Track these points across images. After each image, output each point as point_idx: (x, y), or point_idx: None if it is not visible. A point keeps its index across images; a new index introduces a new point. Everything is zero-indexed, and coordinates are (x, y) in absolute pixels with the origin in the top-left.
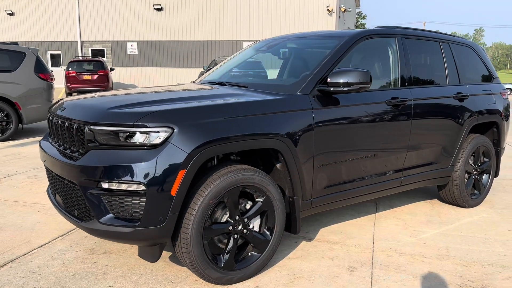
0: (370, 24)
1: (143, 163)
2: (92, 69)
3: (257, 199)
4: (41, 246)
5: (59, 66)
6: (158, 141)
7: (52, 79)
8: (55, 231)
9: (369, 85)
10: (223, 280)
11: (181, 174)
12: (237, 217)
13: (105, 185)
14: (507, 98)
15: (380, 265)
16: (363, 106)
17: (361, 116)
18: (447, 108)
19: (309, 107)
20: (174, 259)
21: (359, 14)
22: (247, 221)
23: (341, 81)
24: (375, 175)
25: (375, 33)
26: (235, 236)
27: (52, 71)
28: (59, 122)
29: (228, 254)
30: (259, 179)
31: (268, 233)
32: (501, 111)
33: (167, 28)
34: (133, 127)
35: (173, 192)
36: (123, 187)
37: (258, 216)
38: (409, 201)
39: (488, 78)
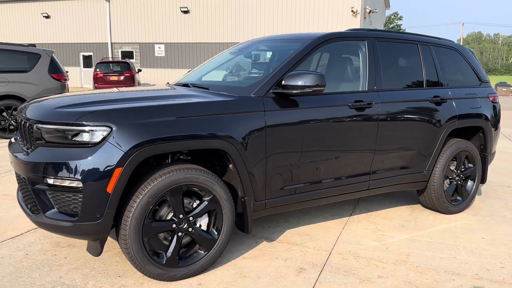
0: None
1: (80, 160)
2: (119, 70)
3: (203, 199)
4: (13, 237)
5: (90, 67)
6: (97, 139)
7: (65, 80)
8: (31, 224)
9: (323, 88)
10: (165, 277)
11: (117, 172)
12: (181, 216)
13: (50, 181)
14: (496, 102)
15: (331, 267)
16: (323, 108)
17: (321, 118)
18: (421, 111)
19: (261, 109)
20: None
21: (395, 15)
22: (192, 220)
23: (295, 83)
24: (338, 177)
25: (341, 36)
26: (179, 234)
27: (67, 71)
28: (22, 122)
29: (171, 251)
30: (203, 179)
31: (215, 232)
32: (487, 115)
33: (193, 30)
34: (73, 126)
35: (109, 189)
36: (65, 183)
37: (206, 215)
38: (390, 205)
39: (475, 81)
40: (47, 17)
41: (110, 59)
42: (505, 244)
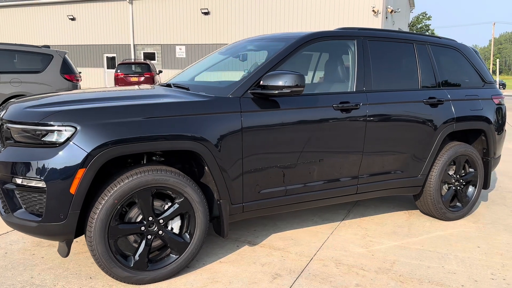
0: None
1: (45, 160)
2: (139, 71)
3: (175, 201)
4: None
5: (114, 68)
6: (61, 140)
7: (77, 80)
8: None
9: (302, 89)
10: (133, 280)
11: (80, 173)
12: (150, 218)
13: (18, 181)
14: (501, 104)
15: (309, 274)
16: (305, 109)
17: (303, 120)
18: (414, 113)
19: (238, 110)
20: None
21: (424, 15)
22: (163, 222)
23: (273, 84)
24: (322, 181)
25: (328, 35)
26: (149, 237)
27: (80, 72)
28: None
29: (139, 254)
30: (173, 181)
31: (188, 235)
32: (490, 118)
33: (214, 31)
34: (38, 126)
35: (72, 190)
36: (32, 183)
37: (179, 218)
38: (387, 210)
39: (478, 82)
40: (73, 19)
41: (131, 61)
42: (501, 254)
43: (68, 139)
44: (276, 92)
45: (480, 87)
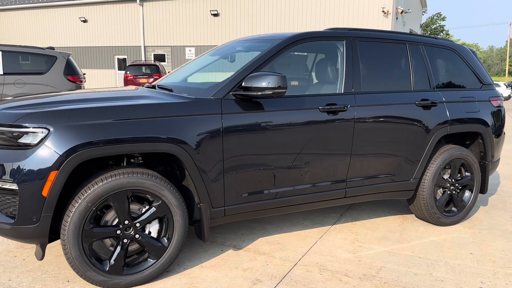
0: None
1: (18, 162)
2: (148, 72)
3: (152, 204)
4: None
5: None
6: (35, 141)
7: (81, 81)
8: None
9: (284, 90)
10: (108, 284)
11: (52, 175)
12: (126, 222)
13: None
14: (500, 106)
15: (290, 280)
16: (290, 111)
17: (287, 122)
18: (405, 116)
19: (218, 112)
20: None
21: (438, 15)
22: (139, 226)
23: (254, 85)
24: (309, 184)
25: (315, 35)
26: (125, 240)
27: (84, 74)
28: None
29: (114, 258)
30: (150, 184)
31: (166, 239)
32: (487, 120)
33: (223, 33)
34: (12, 127)
35: (45, 192)
36: (6, 185)
37: (157, 221)
38: (381, 214)
39: (475, 84)
40: (85, 21)
41: (141, 62)
42: (494, 261)
43: (41, 141)
44: (258, 93)
45: (478, 88)
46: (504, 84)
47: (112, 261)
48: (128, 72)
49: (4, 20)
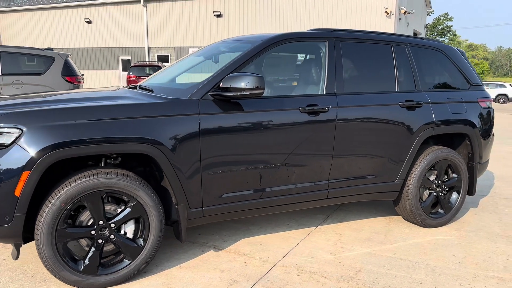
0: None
1: None
2: (151, 73)
3: (127, 205)
4: None
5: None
6: (8, 142)
7: (79, 82)
8: None
9: (262, 91)
10: (83, 284)
11: (25, 175)
12: (101, 222)
13: None
14: (488, 107)
15: (267, 281)
16: (270, 112)
17: (267, 123)
18: (389, 117)
19: (195, 112)
20: None
21: (445, 16)
22: (114, 227)
23: (232, 86)
24: (289, 185)
25: (297, 36)
26: (99, 241)
27: (83, 74)
28: None
29: (89, 258)
30: (124, 184)
31: (141, 240)
32: (474, 121)
33: (226, 34)
34: None
35: (17, 192)
36: None
37: (133, 222)
38: (368, 215)
39: (463, 84)
40: (89, 22)
41: (144, 63)
42: (476, 263)
43: (14, 141)
44: (236, 94)
45: (466, 89)
46: (510, 85)
47: (86, 261)
48: (131, 73)
49: (10, 21)
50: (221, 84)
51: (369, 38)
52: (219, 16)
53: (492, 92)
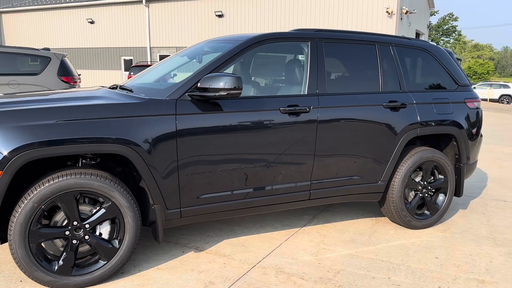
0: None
1: None
2: None
3: (102, 206)
4: None
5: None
6: None
7: (75, 82)
8: None
9: (240, 91)
10: (57, 285)
11: None
12: (75, 223)
13: None
14: (476, 108)
15: (244, 283)
16: (250, 113)
17: (247, 123)
18: (372, 118)
19: (172, 113)
20: None
21: (450, 15)
22: (89, 227)
23: (209, 86)
24: (270, 186)
25: (278, 36)
26: (74, 241)
27: (80, 74)
28: None
29: (63, 259)
30: (98, 185)
31: (117, 241)
32: (461, 122)
33: (228, 33)
34: None
35: None
36: None
37: (108, 223)
38: (355, 216)
39: (451, 85)
40: (92, 22)
41: (145, 63)
42: (458, 266)
43: None
44: (214, 94)
45: (453, 90)
46: None
47: (60, 262)
48: (132, 73)
49: (14, 21)
50: (198, 84)
51: (353, 38)
52: (220, 16)
53: (496, 93)
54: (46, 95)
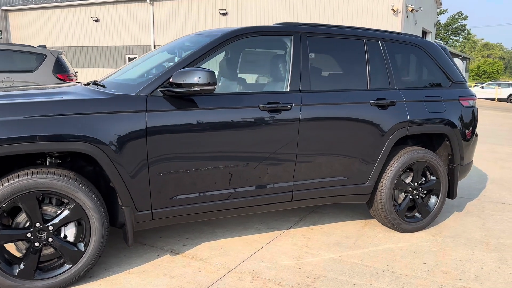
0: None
1: None
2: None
3: (66, 207)
4: None
5: None
6: None
7: (71, 80)
8: None
9: (213, 87)
10: None
11: None
12: (38, 224)
13: None
14: (471, 106)
15: None
16: (227, 110)
17: (223, 121)
18: (358, 116)
19: (142, 109)
20: None
21: (460, 14)
22: (52, 229)
23: (181, 81)
24: (249, 187)
25: (259, 30)
26: (36, 244)
27: (76, 72)
28: None
29: (24, 262)
30: (61, 185)
31: (82, 244)
32: (454, 121)
33: None
34: None
35: None
36: None
37: (74, 225)
38: (344, 218)
39: (444, 82)
40: (97, 21)
41: None
42: (446, 272)
43: None
44: (187, 90)
45: (446, 87)
46: None
47: (22, 265)
48: None
49: (20, 20)
50: (171, 79)
51: (339, 33)
52: (224, 14)
53: (504, 92)
54: (14, 91)
